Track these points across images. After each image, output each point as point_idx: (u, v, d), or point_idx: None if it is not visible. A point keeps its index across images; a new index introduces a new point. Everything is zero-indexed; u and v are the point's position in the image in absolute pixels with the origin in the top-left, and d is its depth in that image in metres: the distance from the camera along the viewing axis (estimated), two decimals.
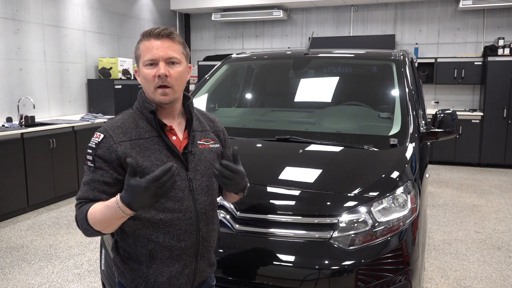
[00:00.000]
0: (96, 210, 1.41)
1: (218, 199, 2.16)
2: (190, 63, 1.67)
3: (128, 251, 1.55)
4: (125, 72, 7.33)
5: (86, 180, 1.49)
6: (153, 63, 1.48)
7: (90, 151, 1.49)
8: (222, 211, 2.17)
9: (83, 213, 1.44)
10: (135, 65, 1.72)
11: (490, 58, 7.48)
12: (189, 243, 1.53)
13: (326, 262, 2.00)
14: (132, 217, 1.46)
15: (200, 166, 1.57)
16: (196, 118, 1.64)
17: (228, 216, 2.16)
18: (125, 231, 1.54)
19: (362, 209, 2.09)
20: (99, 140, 1.48)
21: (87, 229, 1.46)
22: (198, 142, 1.60)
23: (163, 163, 1.47)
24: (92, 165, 1.47)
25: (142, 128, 1.51)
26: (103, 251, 2.49)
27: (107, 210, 1.38)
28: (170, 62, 1.49)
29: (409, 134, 2.70)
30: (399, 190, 2.21)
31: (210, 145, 1.63)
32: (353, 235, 2.04)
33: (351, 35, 8.79)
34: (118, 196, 1.35)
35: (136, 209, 1.34)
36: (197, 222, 1.54)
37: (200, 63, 9.20)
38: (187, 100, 1.61)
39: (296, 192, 2.23)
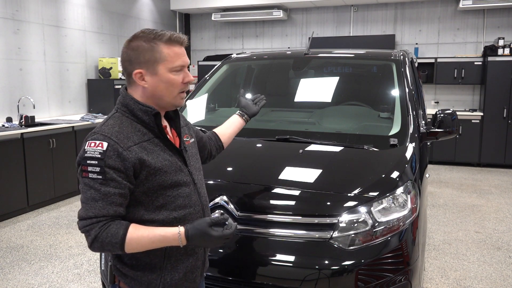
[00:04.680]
0: (143, 238, 1.38)
1: (218, 199, 2.18)
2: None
3: (137, 257, 1.50)
4: None
5: (97, 195, 1.37)
6: (180, 70, 1.51)
7: (94, 162, 1.36)
8: (222, 211, 2.17)
9: (117, 238, 1.36)
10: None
11: (490, 58, 7.48)
12: None
13: (326, 262, 2.00)
14: (143, 222, 1.46)
15: (193, 161, 1.64)
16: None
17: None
18: None
19: (362, 209, 2.09)
20: (104, 149, 1.37)
21: (113, 251, 1.40)
22: (184, 139, 1.66)
23: (170, 162, 1.50)
24: (101, 177, 1.36)
25: (139, 131, 1.47)
26: None
27: (159, 240, 1.40)
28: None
29: (409, 134, 2.70)
30: (399, 190, 2.21)
31: (191, 141, 1.70)
32: (353, 235, 2.04)
33: (351, 35, 8.79)
34: (182, 230, 1.40)
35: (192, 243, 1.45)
36: (203, 214, 1.60)
37: (200, 63, 9.19)
38: None
39: (296, 192, 2.22)
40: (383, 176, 2.34)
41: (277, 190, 2.25)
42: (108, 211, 1.37)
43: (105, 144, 1.38)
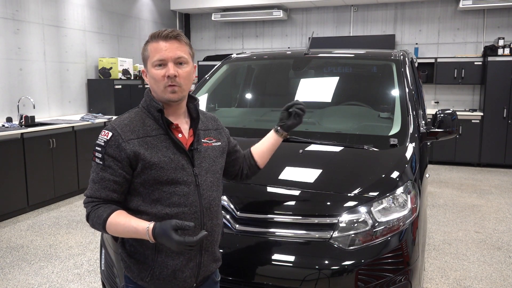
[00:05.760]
0: (120, 225, 1.48)
1: (223, 197, 2.18)
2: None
3: (134, 246, 1.60)
4: (125, 72, 7.33)
5: (96, 178, 1.53)
6: (162, 64, 1.54)
7: (99, 148, 1.53)
8: (222, 211, 2.17)
9: (100, 219, 1.50)
10: (138, 65, 1.75)
11: (490, 58, 7.48)
12: None
13: (326, 262, 2.00)
14: (139, 212, 1.54)
15: (205, 163, 1.64)
16: (200, 118, 1.71)
17: (228, 216, 2.16)
18: None
19: (362, 209, 2.09)
20: (107, 138, 1.52)
21: (99, 230, 1.54)
22: (202, 140, 1.67)
23: (170, 159, 1.54)
24: (101, 162, 1.52)
25: (149, 126, 1.57)
26: (103, 251, 2.49)
27: (132, 230, 1.46)
28: (178, 62, 1.56)
29: (409, 134, 2.70)
30: (399, 190, 2.21)
31: (213, 144, 1.71)
32: (353, 235, 2.04)
33: (351, 35, 8.79)
34: (150, 226, 1.42)
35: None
36: (202, 217, 1.59)
37: (200, 63, 9.19)
38: (192, 100, 1.69)
39: (296, 192, 2.23)
40: (383, 176, 2.34)
41: (277, 190, 2.25)
42: (100, 194, 1.52)
43: (110, 134, 1.53)
